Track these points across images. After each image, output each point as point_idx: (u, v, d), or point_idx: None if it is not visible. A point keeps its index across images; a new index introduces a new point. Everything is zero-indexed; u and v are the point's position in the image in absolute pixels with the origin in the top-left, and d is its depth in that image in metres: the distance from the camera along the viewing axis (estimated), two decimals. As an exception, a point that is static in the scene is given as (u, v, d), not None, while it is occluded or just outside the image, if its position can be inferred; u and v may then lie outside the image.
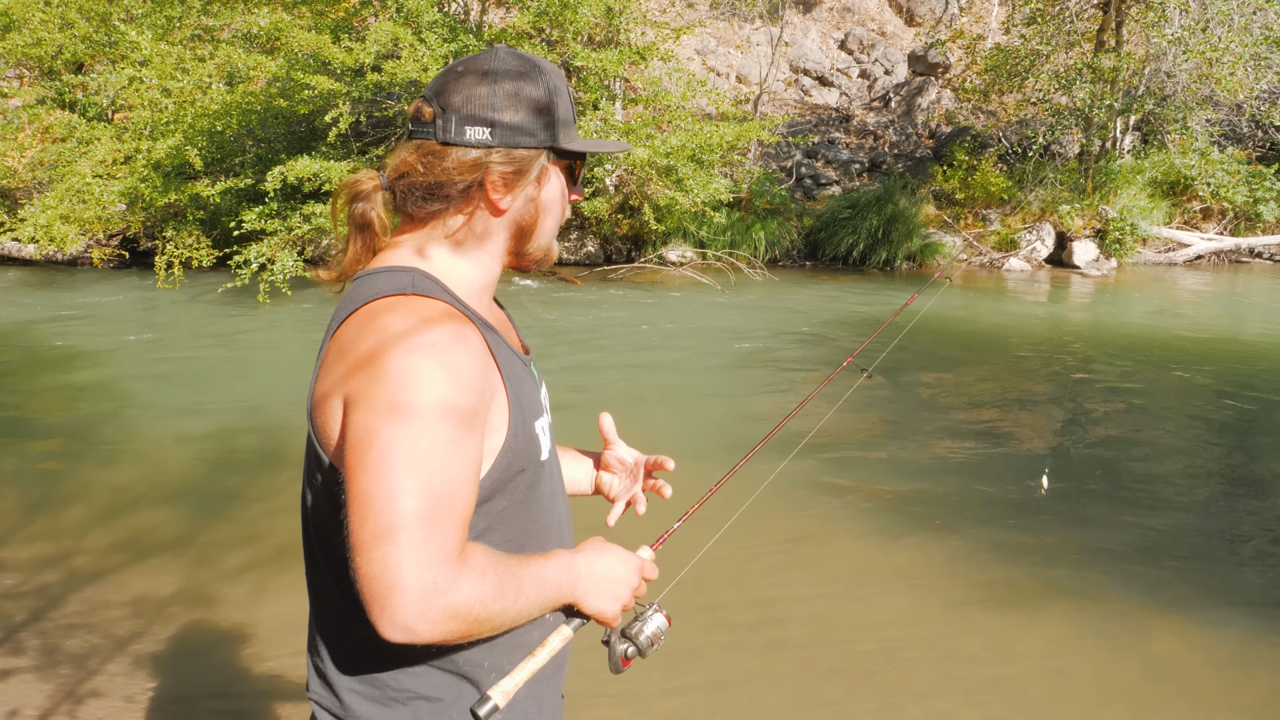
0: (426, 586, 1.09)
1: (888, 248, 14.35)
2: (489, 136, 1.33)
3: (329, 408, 1.23)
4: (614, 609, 1.40)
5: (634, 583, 1.43)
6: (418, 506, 1.11)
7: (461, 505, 1.17)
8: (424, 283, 1.29)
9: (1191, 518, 5.17)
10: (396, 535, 1.09)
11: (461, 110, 1.32)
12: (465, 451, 1.18)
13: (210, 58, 11.37)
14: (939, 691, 3.52)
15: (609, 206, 13.28)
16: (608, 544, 1.44)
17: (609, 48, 12.48)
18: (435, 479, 1.13)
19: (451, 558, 1.12)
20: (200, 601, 4.04)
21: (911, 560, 4.58)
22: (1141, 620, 4.06)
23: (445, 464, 1.15)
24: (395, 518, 1.10)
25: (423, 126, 1.34)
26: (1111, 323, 10.97)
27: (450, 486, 1.15)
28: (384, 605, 1.08)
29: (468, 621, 1.14)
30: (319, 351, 1.34)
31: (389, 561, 1.08)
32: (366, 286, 1.29)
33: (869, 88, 20.28)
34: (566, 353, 8.68)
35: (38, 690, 3.40)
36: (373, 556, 1.09)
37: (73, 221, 11.14)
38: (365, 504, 1.11)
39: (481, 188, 1.34)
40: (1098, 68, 14.64)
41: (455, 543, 1.14)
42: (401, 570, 1.08)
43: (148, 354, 8.33)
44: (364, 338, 1.21)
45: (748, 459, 1.93)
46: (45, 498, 5.13)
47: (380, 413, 1.14)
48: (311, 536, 1.36)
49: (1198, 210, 16.44)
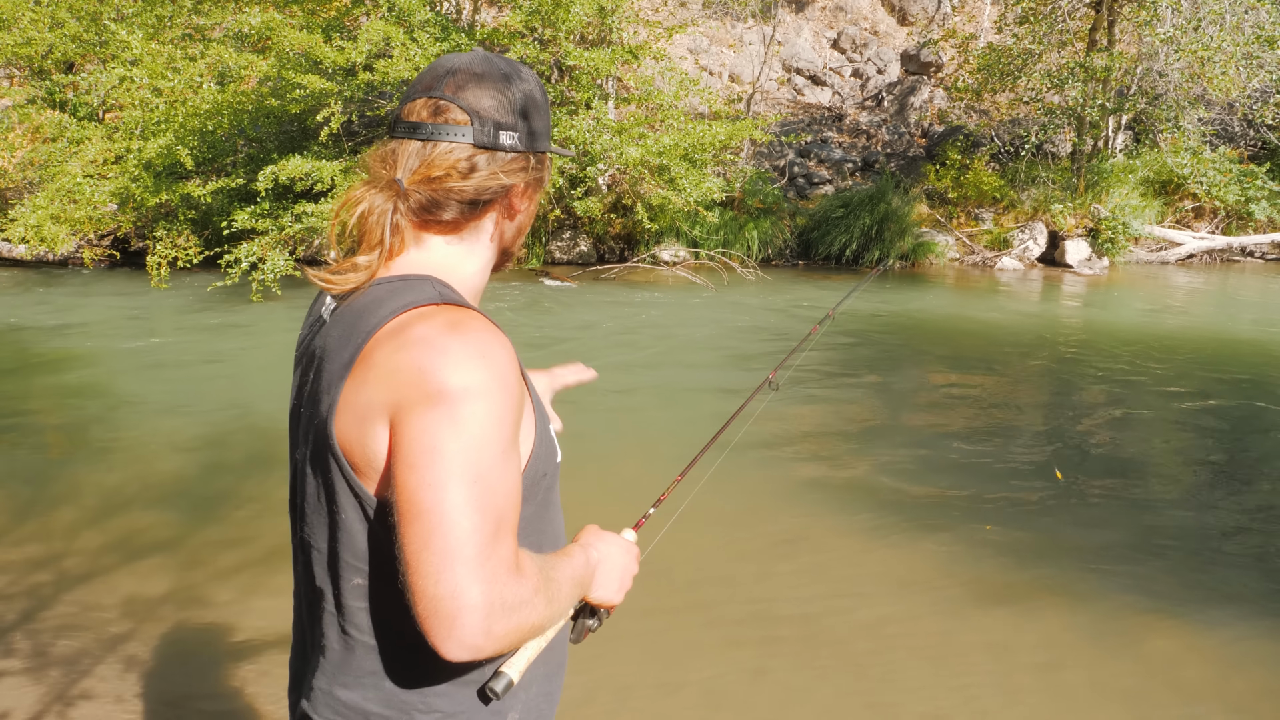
0: (495, 604, 1.08)
1: (880, 247, 14.37)
2: (518, 142, 1.32)
3: (370, 429, 1.17)
4: (621, 596, 1.44)
5: (635, 569, 1.47)
6: (482, 523, 1.09)
7: (516, 516, 1.16)
8: (448, 291, 1.26)
9: (1185, 516, 5.18)
10: (464, 553, 1.07)
11: (495, 115, 1.30)
12: (515, 462, 1.17)
13: (201, 57, 11.34)
14: (933, 690, 3.52)
15: (602, 206, 13.27)
16: (603, 532, 1.46)
17: (601, 47, 12.47)
18: (496, 492, 1.12)
19: (513, 571, 1.12)
20: (191, 603, 4.02)
21: (905, 559, 4.58)
22: (1136, 618, 4.06)
23: (501, 476, 1.13)
24: (463, 535, 1.08)
25: (448, 131, 1.28)
26: (1104, 322, 11.00)
27: (507, 498, 1.14)
28: (453, 626, 1.06)
29: (524, 632, 1.13)
30: (320, 361, 1.28)
31: (459, 581, 1.06)
32: (388, 296, 1.24)
33: (862, 87, 20.30)
34: (559, 353, 8.67)
35: (29, 692, 3.38)
36: (441, 578, 1.06)
37: (63, 222, 11.11)
38: (427, 522, 1.08)
39: (507, 193, 1.34)
40: (1090, 67, 14.68)
41: (514, 555, 1.13)
42: (473, 590, 1.07)
43: (138, 354, 8.30)
44: (404, 352, 1.16)
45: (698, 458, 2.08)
46: (36, 499, 5.10)
47: (438, 429, 1.11)
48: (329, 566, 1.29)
49: (1190, 209, 16.50)
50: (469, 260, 1.36)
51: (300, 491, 1.32)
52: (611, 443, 6.13)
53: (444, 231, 1.33)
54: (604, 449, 5.97)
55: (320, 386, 1.25)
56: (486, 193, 1.31)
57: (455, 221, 1.32)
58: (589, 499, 4.64)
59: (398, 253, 1.30)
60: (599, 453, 5.85)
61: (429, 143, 1.28)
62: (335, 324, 1.29)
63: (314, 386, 1.28)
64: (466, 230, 1.34)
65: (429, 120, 1.29)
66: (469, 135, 1.28)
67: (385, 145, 1.34)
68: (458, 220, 1.32)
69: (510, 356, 1.19)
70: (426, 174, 1.28)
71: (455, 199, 1.29)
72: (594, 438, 6.16)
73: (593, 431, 6.25)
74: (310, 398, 1.29)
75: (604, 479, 5.35)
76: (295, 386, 1.42)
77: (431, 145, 1.28)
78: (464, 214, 1.31)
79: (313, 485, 1.28)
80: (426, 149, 1.28)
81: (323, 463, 1.24)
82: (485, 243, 1.37)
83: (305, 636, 1.38)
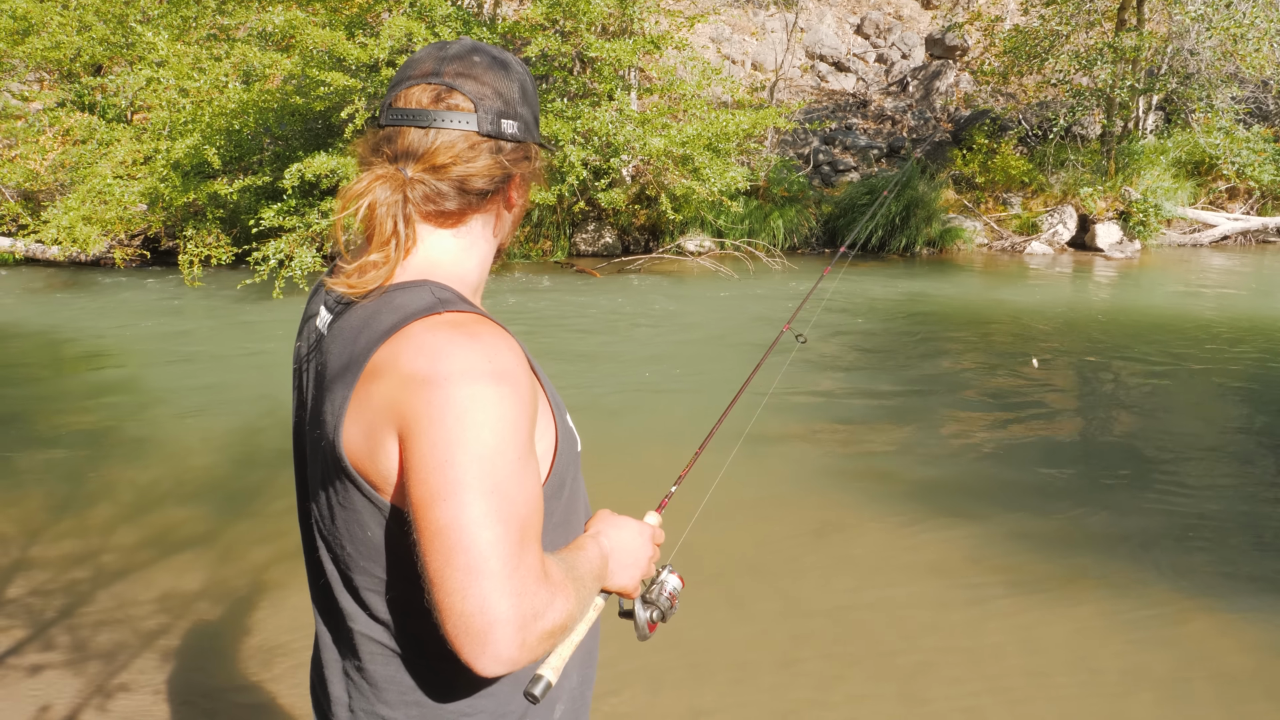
0: (526, 616, 1.05)
1: (907, 233, 14.26)
2: (518, 131, 1.29)
3: (379, 445, 1.14)
4: (636, 581, 1.40)
5: (651, 552, 1.42)
6: (505, 533, 1.06)
7: (539, 522, 1.13)
8: (447, 295, 1.21)
9: (1219, 502, 5.11)
10: (489, 567, 1.04)
11: (497, 103, 1.26)
12: (533, 465, 1.14)
13: (226, 57, 11.43)
14: (964, 680, 3.50)
15: (626, 197, 13.25)
16: (616, 516, 1.42)
17: (623, 37, 12.44)
18: (515, 501, 1.08)
19: (541, 579, 1.08)
20: (225, 597, 4.08)
21: (935, 547, 4.55)
22: (1171, 606, 4.01)
23: (521, 484, 1.10)
24: (486, 548, 1.04)
25: (452, 118, 1.24)
26: (1136, 306, 10.86)
27: (528, 505, 1.10)
28: (484, 642, 1.03)
29: (556, 638, 1.10)
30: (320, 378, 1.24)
31: (488, 596, 1.03)
32: (385, 309, 1.19)
33: (886, 72, 20.13)
34: (585, 345, 8.68)
35: (69, 684, 3.44)
36: (469, 593, 1.03)
37: (94, 222, 11.25)
38: (448, 538, 1.04)
39: (506, 184, 1.31)
40: (1119, 47, 14.47)
41: (540, 562, 1.10)
42: (503, 604, 1.03)
43: (170, 352, 8.40)
44: (407, 364, 1.12)
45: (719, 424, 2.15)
46: (72, 496, 5.18)
47: (450, 441, 1.07)
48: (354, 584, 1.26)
49: (1223, 190, 16.24)
50: (470, 254, 1.32)
51: (315, 512, 1.29)
52: (635, 429, 6.14)
53: (446, 224, 1.28)
54: (628, 435, 5.98)
55: (324, 406, 1.21)
56: (491, 182, 1.27)
57: (457, 213, 1.28)
58: (613, 484, 4.65)
59: (412, 245, 1.26)
60: (622, 439, 5.86)
61: (431, 130, 1.24)
62: (334, 339, 1.24)
63: (316, 406, 1.25)
64: (468, 222, 1.30)
65: (431, 107, 1.24)
66: (473, 123, 1.24)
67: (376, 134, 1.29)
68: (460, 211, 1.28)
69: (517, 356, 1.16)
70: (431, 162, 1.24)
71: (459, 188, 1.26)
72: (618, 424, 6.17)
73: (617, 418, 6.26)
74: (314, 417, 1.25)
75: (628, 464, 5.36)
76: (296, 403, 1.39)
77: (435, 133, 1.24)
78: (466, 205, 1.28)
79: (328, 505, 1.24)
80: (429, 137, 1.24)
81: (337, 482, 1.21)
82: (486, 235, 1.34)
83: (327, 655, 1.35)
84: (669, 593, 1.47)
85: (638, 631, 1.44)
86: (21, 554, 4.45)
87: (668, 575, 1.48)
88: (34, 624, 3.84)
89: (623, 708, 3.29)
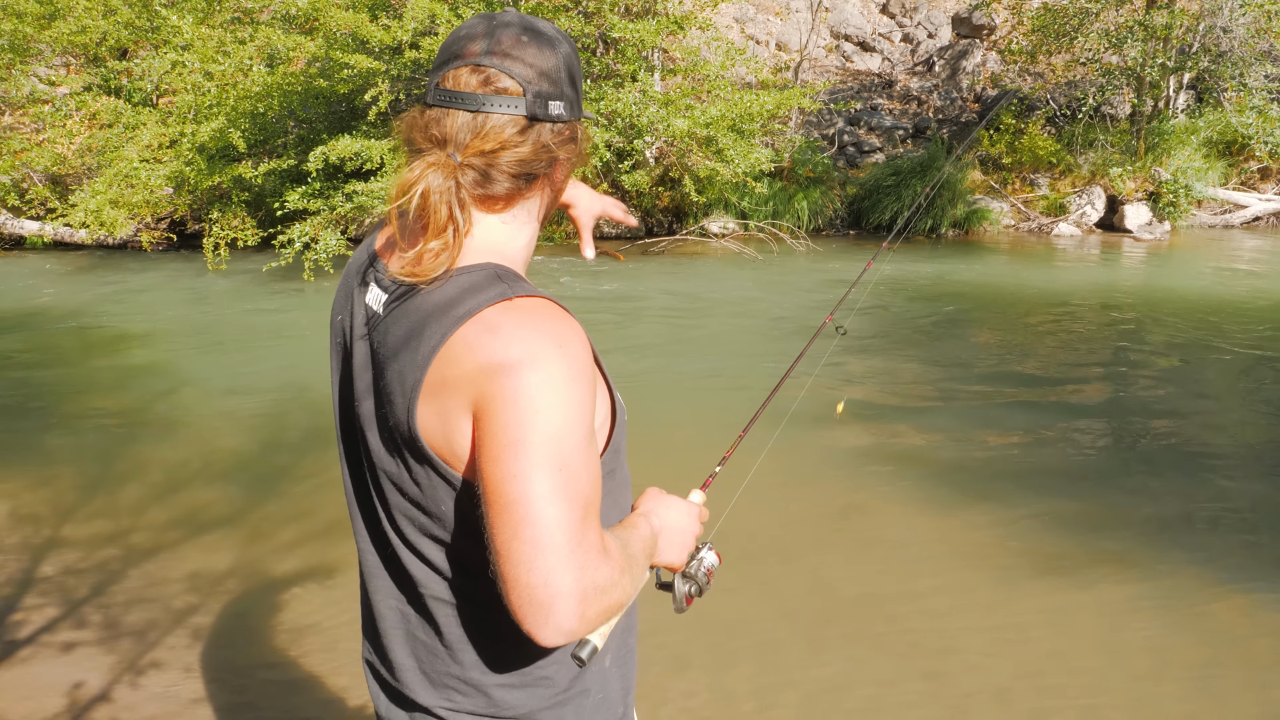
0: (588, 589, 1.09)
1: (933, 215, 14.13)
2: (565, 111, 1.28)
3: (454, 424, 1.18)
4: (684, 558, 1.44)
5: (697, 529, 1.46)
6: (569, 509, 1.10)
7: (599, 499, 1.16)
8: (515, 280, 1.23)
9: (1247, 486, 5.05)
10: (554, 541, 1.08)
11: (544, 84, 1.25)
12: (594, 446, 1.18)
13: (250, 40, 11.46)
14: (990, 662, 3.49)
15: (649, 179, 13.21)
16: (664, 494, 1.45)
17: (646, 18, 12.36)
18: (580, 479, 1.12)
19: (601, 554, 1.12)
20: (254, 576, 4.12)
21: (961, 529, 4.53)
22: (1199, 590, 3.98)
23: (585, 462, 1.13)
24: (552, 524, 1.08)
25: (500, 102, 1.23)
26: (1165, 287, 10.72)
27: (592, 484, 1.14)
28: (548, 613, 1.07)
29: (613, 610, 1.14)
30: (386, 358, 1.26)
31: (553, 569, 1.07)
32: (458, 293, 1.21)
33: (912, 52, 19.92)
34: (608, 327, 8.68)
35: (101, 662, 3.49)
36: (534, 566, 1.07)
37: (121, 206, 11.33)
38: (516, 512, 1.09)
39: (553, 165, 1.31)
40: (1150, 25, 14.23)
41: (600, 538, 1.14)
42: (566, 578, 1.07)
43: (198, 334, 8.47)
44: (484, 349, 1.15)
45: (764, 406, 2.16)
46: (102, 476, 5.24)
47: (522, 422, 1.11)
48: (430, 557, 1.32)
49: (1255, 170, 15.97)
50: (518, 237, 1.33)
51: (384, 485, 1.32)
52: (670, 410, 6.13)
53: (495, 208, 1.29)
54: (664, 415, 5.98)
55: (393, 386, 1.24)
56: (540, 166, 1.28)
57: (507, 196, 1.28)
58: (654, 462, 4.64)
59: (469, 231, 1.26)
60: (661, 418, 5.86)
61: (479, 114, 1.23)
62: (399, 320, 1.25)
63: (381, 384, 1.28)
64: (516, 205, 1.31)
65: (479, 90, 1.23)
66: (521, 106, 1.23)
67: (423, 114, 1.27)
68: (509, 195, 1.28)
69: (583, 342, 1.19)
70: (480, 147, 1.23)
71: (508, 172, 1.25)
72: (653, 405, 6.17)
73: (651, 399, 6.26)
74: (382, 396, 1.28)
75: (667, 443, 5.37)
76: (340, 379, 1.41)
77: (483, 118, 1.23)
78: (515, 188, 1.28)
79: (398, 479, 1.29)
80: (477, 120, 1.23)
81: (410, 459, 1.25)
82: (532, 217, 1.35)
83: (389, 625, 1.40)
84: (706, 569, 1.50)
85: (675, 604, 1.48)
86: (53, 533, 4.51)
87: (707, 552, 1.52)
88: (66, 602, 3.90)
89: (650, 685, 3.30)
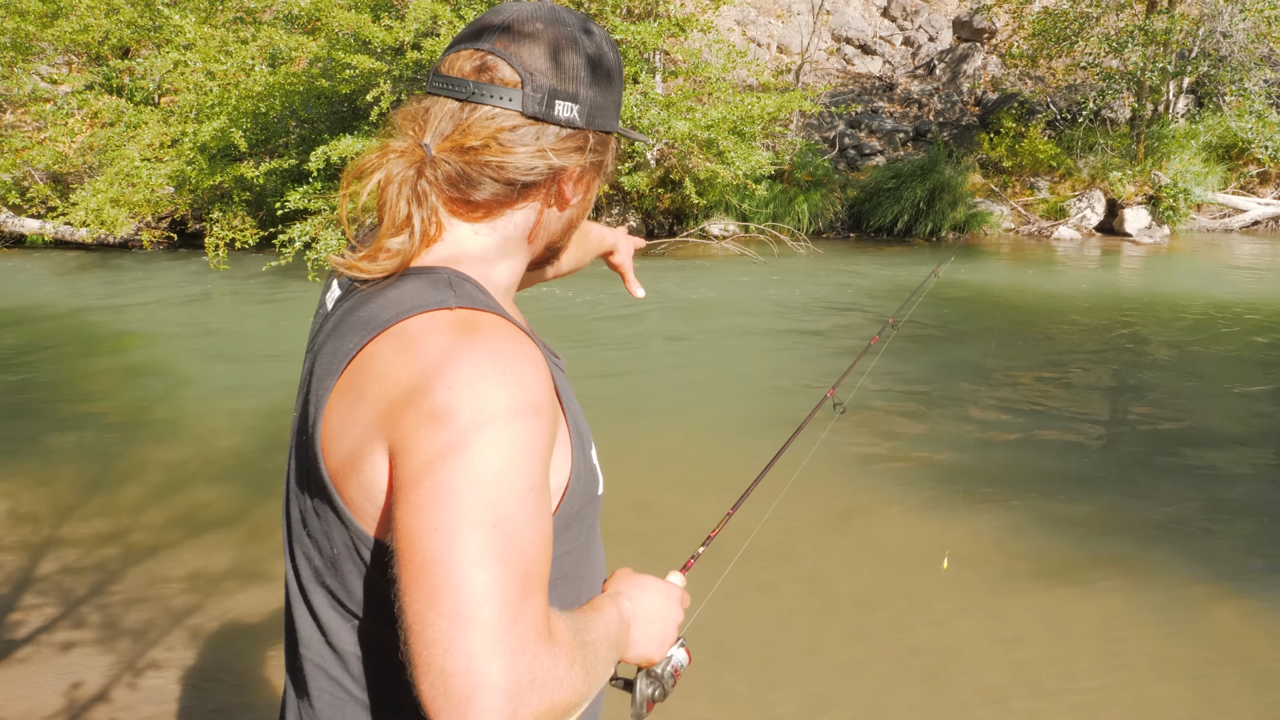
0: (522, 681, 0.83)
1: (933, 217, 14.14)
2: (576, 115, 1.08)
3: (365, 455, 0.96)
4: (662, 652, 1.20)
5: (679, 617, 1.22)
6: (504, 577, 0.85)
7: (546, 569, 0.92)
8: (469, 288, 1.04)
9: (1246, 489, 5.05)
10: (481, 616, 0.83)
11: (552, 79, 1.06)
12: (545, 502, 0.93)
13: (253, 40, 11.48)
14: (989, 666, 3.49)
15: (650, 181, 13.21)
16: (636, 576, 1.22)
17: (648, 20, 12.37)
18: (521, 540, 0.88)
19: (543, 637, 0.87)
20: (253, 576, 4.11)
21: (962, 533, 4.53)
22: (1198, 593, 3.98)
23: (529, 520, 0.90)
24: (479, 592, 0.84)
25: (493, 92, 1.05)
26: (1164, 291, 10.73)
27: (536, 548, 0.90)
28: (467, 710, 0.81)
29: (559, 713, 0.88)
30: (313, 362, 1.08)
31: (475, 652, 0.82)
32: (396, 295, 1.02)
33: (913, 55, 19.93)
34: (608, 330, 8.68)
35: (100, 661, 3.48)
36: (452, 647, 0.82)
37: (122, 205, 11.36)
38: (434, 575, 0.84)
39: (557, 177, 1.10)
40: (1150, 29, 14.24)
41: (544, 617, 0.89)
42: (493, 664, 0.82)
43: (198, 334, 8.47)
44: (407, 365, 0.94)
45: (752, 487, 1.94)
46: (101, 476, 5.24)
47: (448, 460, 0.88)
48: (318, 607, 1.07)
49: (1254, 174, 15.99)
50: (500, 254, 1.12)
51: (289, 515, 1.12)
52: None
53: (474, 215, 1.09)
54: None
55: (309, 396, 1.06)
56: (531, 173, 1.07)
57: (489, 204, 1.09)
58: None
59: (435, 235, 1.08)
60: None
61: (468, 104, 1.06)
62: (337, 322, 1.08)
63: (304, 394, 1.09)
64: (502, 217, 1.10)
65: (471, 77, 1.06)
66: (517, 100, 1.05)
67: (419, 102, 1.10)
68: (493, 202, 1.09)
69: (539, 371, 0.96)
70: (460, 141, 1.05)
71: (492, 176, 1.06)
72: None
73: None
74: (301, 408, 1.08)
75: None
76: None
77: (471, 108, 1.05)
78: (501, 196, 1.08)
79: (300, 511, 1.09)
80: (464, 111, 1.06)
81: (312, 487, 1.04)
82: (522, 234, 1.13)
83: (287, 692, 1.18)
84: (674, 668, 1.24)
85: (634, 709, 1.23)
86: (52, 533, 4.51)
87: (676, 649, 1.25)
88: (65, 602, 3.89)
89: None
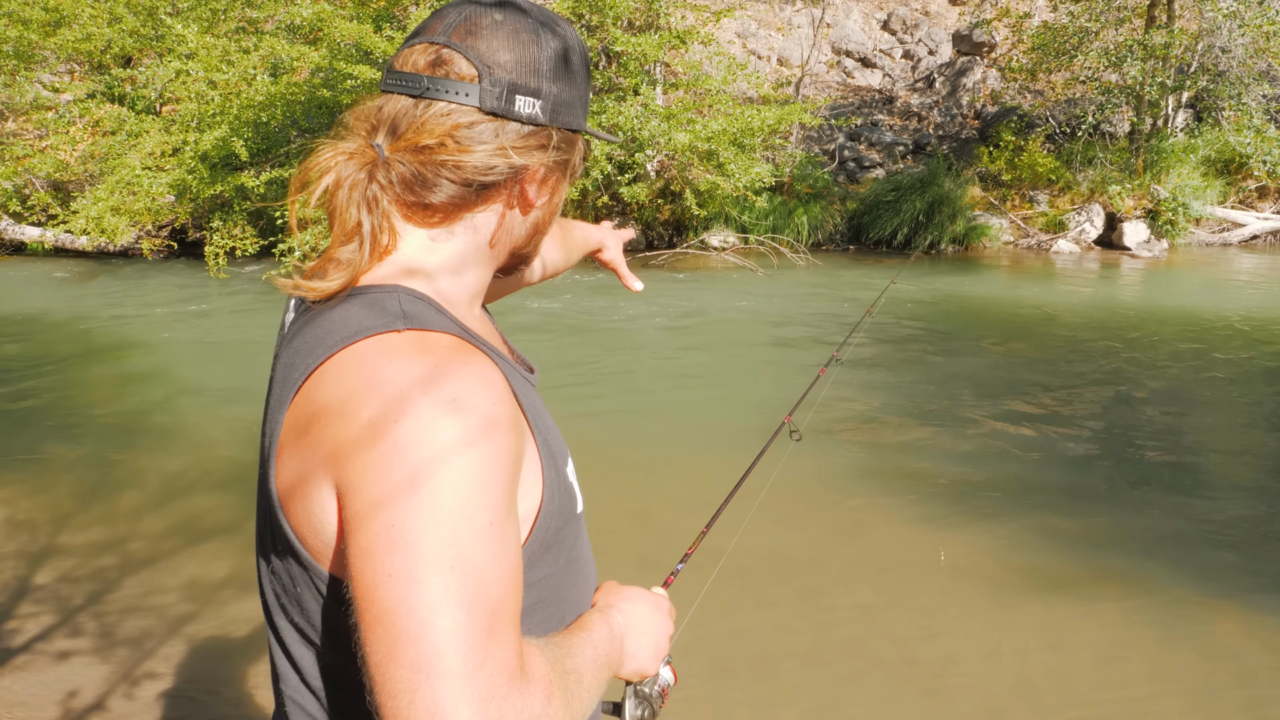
0: None
1: (932, 231, 14.17)
2: (539, 111, 1.01)
3: (312, 492, 0.90)
4: (657, 665, 1.15)
5: (670, 628, 1.17)
6: (468, 620, 0.79)
7: (516, 604, 0.85)
8: (419, 308, 0.96)
9: (1245, 504, 5.05)
10: (445, 665, 0.77)
11: (512, 74, 0.99)
12: (511, 532, 0.87)
13: (255, 49, 11.53)
14: (987, 680, 3.48)
15: (650, 192, 13.24)
16: (623, 587, 1.16)
17: (649, 32, 12.42)
18: (484, 578, 0.82)
19: (515, 678, 0.81)
20: (251, 585, 4.10)
21: (960, 547, 4.52)
22: (1197, 607, 3.98)
23: (491, 556, 0.83)
24: (440, 639, 0.78)
25: (448, 87, 0.98)
26: (1162, 305, 10.75)
27: (502, 584, 0.83)
28: None
29: None
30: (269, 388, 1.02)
31: (442, 702, 0.76)
32: (341, 314, 0.95)
33: (913, 68, 20.01)
34: (606, 342, 8.69)
35: (97, 671, 3.48)
36: (416, 698, 0.76)
37: (123, 213, 11.38)
38: (393, 625, 0.79)
39: (519, 177, 1.03)
40: (1149, 44, 14.31)
41: (515, 655, 0.82)
42: (459, 712, 0.76)
43: (197, 342, 8.47)
44: (351, 397, 0.87)
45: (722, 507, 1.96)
46: (99, 484, 5.24)
47: (398, 501, 0.82)
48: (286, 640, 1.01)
49: (1253, 189, 16.04)
50: (460, 263, 1.05)
51: (259, 548, 1.04)
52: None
53: (431, 220, 1.02)
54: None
55: (265, 427, 0.99)
56: (491, 173, 1.00)
57: (447, 207, 1.02)
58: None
59: (389, 244, 1.01)
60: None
61: (422, 101, 0.99)
62: (286, 348, 1.01)
63: (264, 424, 1.01)
64: (460, 221, 1.03)
65: (425, 72, 0.99)
66: (474, 95, 0.98)
67: (372, 100, 1.04)
68: (450, 206, 1.02)
69: (495, 392, 0.89)
70: (414, 140, 0.99)
71: (448, 177, 1.00)
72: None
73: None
74: (262, 439, 1.02)
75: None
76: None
77: (425, 104, 0.99)
78: (459, 198, 1.01)
79: (261, 543, 1.02)
80: (419, 108, 0.99)
81: (271, 522, 0.97)
82: (484, 240, 1.06)
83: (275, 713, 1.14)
84: (661, 687, 1.22)
85: None
86: (50, 541, 4.51)
87: (662, 667, 1.22)
88: (62, 610, 3.89)
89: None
